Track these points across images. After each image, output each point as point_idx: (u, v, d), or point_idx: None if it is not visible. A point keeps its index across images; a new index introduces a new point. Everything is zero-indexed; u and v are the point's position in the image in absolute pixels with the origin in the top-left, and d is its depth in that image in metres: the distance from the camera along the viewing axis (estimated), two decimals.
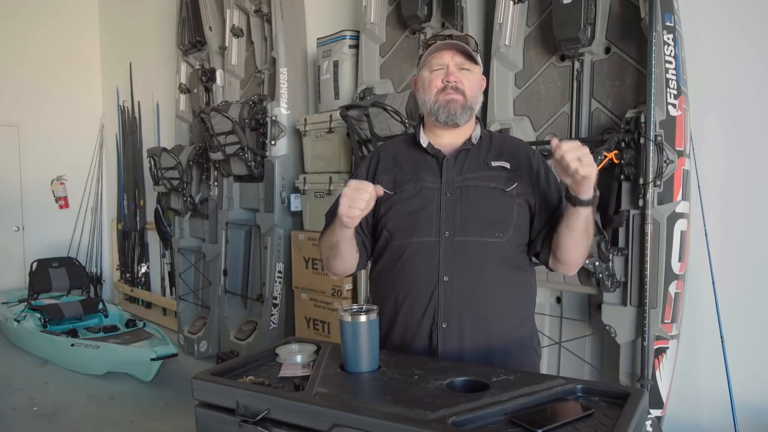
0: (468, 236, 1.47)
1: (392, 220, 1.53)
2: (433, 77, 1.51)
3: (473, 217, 1.48)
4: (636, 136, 2.33)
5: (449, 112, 1.50)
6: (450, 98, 1.49)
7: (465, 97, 1.50)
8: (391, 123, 3.03)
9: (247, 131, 4.04)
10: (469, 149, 1.55)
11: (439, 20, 3.20)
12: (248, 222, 4.47)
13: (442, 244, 1.48)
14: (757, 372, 2.42)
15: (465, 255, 1.47)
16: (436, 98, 1.51)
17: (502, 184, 1.50)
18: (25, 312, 5.13)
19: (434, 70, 1.51)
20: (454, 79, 1.49)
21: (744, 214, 2.47)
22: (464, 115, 1.51)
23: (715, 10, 2.49)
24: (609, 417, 1.08)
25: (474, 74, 1.53)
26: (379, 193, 1.39)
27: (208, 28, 4.79)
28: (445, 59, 1.50)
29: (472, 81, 1.52)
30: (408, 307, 1.51)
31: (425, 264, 1.48)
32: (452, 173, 1.52)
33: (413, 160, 1.57)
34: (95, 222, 6.92)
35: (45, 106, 6.63)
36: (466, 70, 1.51)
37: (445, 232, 1.48)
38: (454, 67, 1.50)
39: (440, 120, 1.52)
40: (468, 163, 1.53)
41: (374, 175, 1.59)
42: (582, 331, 2.70)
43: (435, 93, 1.51)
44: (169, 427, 3.49)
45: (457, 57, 1.50)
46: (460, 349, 1.47)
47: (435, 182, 1.52)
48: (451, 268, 1.47)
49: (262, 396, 1.19)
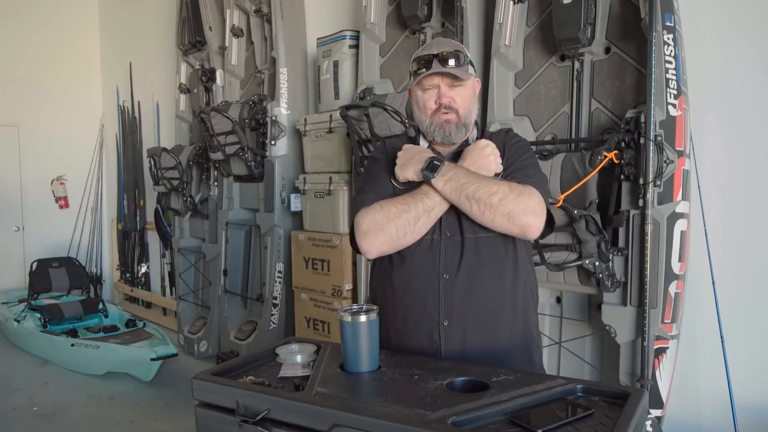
0: (467, 234, 1.49)
1: None
2: (427, 98, 1.54)
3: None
4: (636, 136, 2.33)
5: (444, 134, 1.54)
6: (444, 119, 1.52)
7: (458, 115, 1.53)
8: (391, 123, 3.03)
9: (247, 131, 4.04)
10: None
11: (439, 20, 3.20)
12: (248, 222, 4.47)
13: (442, 242, 1.49)
14: (757, 372, 2.42)
15: (465, 252, 1.48)
16: (431, 120, 1.54)
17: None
18: (25, 312, 5.13)
19: (426, 89, 1.53)
20: (447, 100, 1.52)
21: (744, 214, 2.47)
22: (459, 134, 1.55)
23: (715, 11, 2.49)
24: (609, 417, 1.08)
25: (466, 88, 1.54)
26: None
27: (208, 28, 4.79)
28: (435, 80, 1.52)
29: (465, 96, 1.54)
30: (408, 305, 1.52)
31: (426, 262, 1.50)
32: None
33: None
34: (95, 222, 6.92)
35: (45, 106, 6.63)
36: (457, 86, 1.53)
37: (446, 231, 1.50)
38: (445, 87, 1.52)
39: (437, 140, 1.56)
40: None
41: (387, 164, 1.59)
42: (582, 331, 2.70)
43: (430, 114, 1.54)
44: (169, 427, 3.49)
45: (447, 77, 1.51)
46: (462, 346, 1.48)
47: None
48: (451, 266, 1.49)
49: (262, 396, 1.19)
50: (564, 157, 2.53)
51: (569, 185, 2.44)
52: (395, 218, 1.44)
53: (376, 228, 1.45)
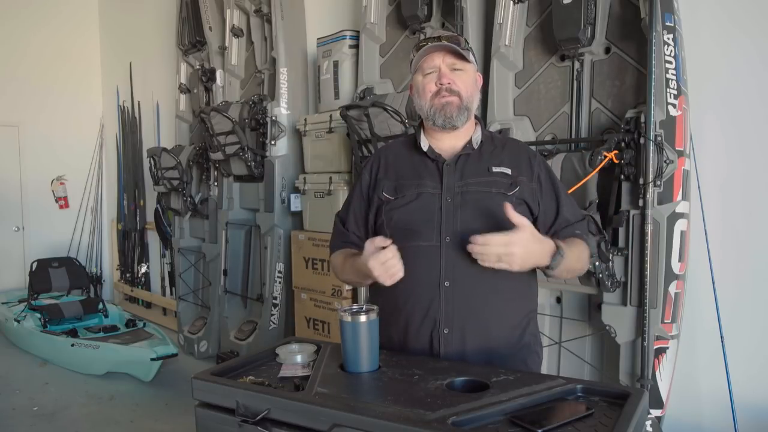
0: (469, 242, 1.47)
1: (392, 224, 1.53)
2: (427, 81, 1.51)
3: (474, 222, 1.47)
4: (636, 136, 2.33)
5: (446, 116, 1.50)
6: (445, 101, 1.49)
7: (460, 97, 1.50)
8: (391, 123, 3.03)
9: (247, 131, 4.04)
10: (469, 153, 1.55)
11: (439, 20, 3.20)
12: (248, 222, 4.47)
13: (443, 249, 1.47)
14: (757, 372, 2.42)
15: (466, 260, 1.45)
16: (431, 102, 1.51)
17: (504, 188, 1.50)
18: (25, 312, 5.13)
19: (427, 73, 1.51)
20: (447, 80, 1.49)
21: (744, 214, 2.46)
22: (461, 116, 1.51)
23: (715, 10, 2.49)
24: (609, 417, 1.08)
25: (468, 73, 1.52)
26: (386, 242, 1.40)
27: (208, 28, 4.79)
28: (437, 62, 1.50)
29: (466, 80, 1.51)
30: (408, 312, 1.51)
31: (426, 269, 1.47)
32: (453, 178, 1.51)
33: (414, 164, 1.57)
34: (95, 222, 6.92)
35: (45, 106, 6.64)
36: (458, 70, 1.51)
37: (446, 237, 1.48)
38: (446, 68, 1.50)
39: (438, 124, 1.52)
40: (468, 168, 1.53)
41: (376, 179, 1.60)
42: (582, 331, 2.70)
43: (430, 97, 1.51)
44: (169, 427, 3.49)
45: (448, 58, 1.50)
46: (462, 354, 1.46)
47: (436, 187, 1.52)
48: (452, 274, 1.47)
49: (262, 396, 1.19)
50: (564, 157, 2.53)
51: (569, 185, 2.44)
52: (342, 274, 1.62)
53: (338, 273, 1.66)
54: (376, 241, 1.39)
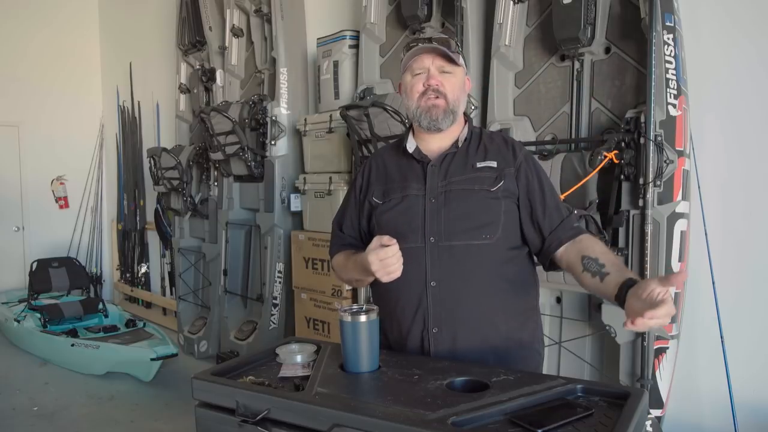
0: (453, 240, 1.47)
1: (381, 228, 1.54)
2: (415, 81, 1.51)
3: (458, 221, 1.48)
4: (636, 136, 2.33)
5: (431, 118, 1.50)
6: (432, 104, 1.50)
7: (447, 101, 1.50)
8: (391, 123, 3.03)
9: (247, 131, 4.04)
10: (455, 152, 1.55)
11: (439, 20, 3.20)
12: (248, 222, 4.47)
13: (427, 249, 1.48)
14: (757, 372, 2.42)
15: (451, 259, 1.47)
16: (418, 103, 1.51)
17: (488, 184, 1.50)
18: (25, 312, 5.13)
19: (416, 74, 1.52)
20: (435, 82, 1.49)
21: (744, 214, 2.46)
22: (446, 120, 1.51)
23: (715, 10, 2.49)
24: (609, 417, 1.08)
25: (456, 77, 1.52)
26: (391, 242, 1.40)
27: (208, 28, 4.79)
28: (426, 63, 1.50)
29: (454, 84, 1.52)
30: (399, 314, 1.52)
31: (413, 270, 1.48)
32: (437, 179, 1.52)
33: (401, 167, 1.59)
34: (95, 222, 6.92)
35: (45, 106, 6.63)
36: (447, 73, 1.51)
37: (431, 237, 1.48)
38: (435, 70, 1.50)
39: (423, 126, 1.52)
40: (453, 166, 1.53)
41: (368, 185, 1.63)
42: (582, 331, 2.70)
43: (417, 98, 1.51)
44: (169, 427, 3.49)
45: (438, 60, 1.50)
46: (452, 352, 1.47)
47: (420, 189, 1.53)
48: (438, 274, 1.47)
49: (262, 396, 1.19)
50: (564, 157, 2.53)
51: (569, 185, 2.44)
52: (345, 273, 1.65)
53: (340, 273, 1.69)
54: (383, 239, 1.40)
